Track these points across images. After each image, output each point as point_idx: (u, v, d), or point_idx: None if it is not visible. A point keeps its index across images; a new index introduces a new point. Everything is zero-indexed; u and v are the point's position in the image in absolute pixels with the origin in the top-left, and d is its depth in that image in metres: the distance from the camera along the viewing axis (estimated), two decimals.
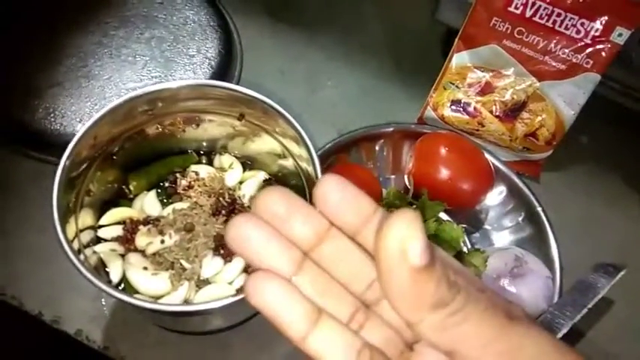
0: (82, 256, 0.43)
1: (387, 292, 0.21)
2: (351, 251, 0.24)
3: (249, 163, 0.55)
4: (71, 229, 0.44)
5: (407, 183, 0.63)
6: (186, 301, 0.47)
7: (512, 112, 0.67)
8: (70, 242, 0.40)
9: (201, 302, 0.43)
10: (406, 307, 0.21)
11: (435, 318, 0.21)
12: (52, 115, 0.62)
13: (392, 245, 0.20)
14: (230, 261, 0.48)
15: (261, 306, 0.22)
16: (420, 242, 0.20)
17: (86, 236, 0.47)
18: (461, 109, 0.68)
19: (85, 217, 0.48)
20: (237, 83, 0.69)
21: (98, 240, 0.49)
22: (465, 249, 0.61)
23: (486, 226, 0.65)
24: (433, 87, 0.68)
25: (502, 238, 0.64)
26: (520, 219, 0.64)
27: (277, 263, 0.22)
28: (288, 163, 0.52)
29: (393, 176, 0.68)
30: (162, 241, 0.48)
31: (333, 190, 0.23)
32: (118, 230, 0.49)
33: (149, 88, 0.46)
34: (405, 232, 0.20)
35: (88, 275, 0.39)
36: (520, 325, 0.22)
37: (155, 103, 0.47)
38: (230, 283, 0.48)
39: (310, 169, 0.47)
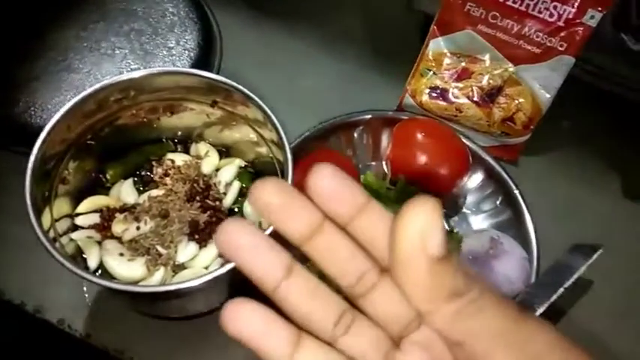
0: (58, 244, 0.44)
1: (403, 281, 0.21)
2: (344, 243, 0.23)
3: (224, 150, 0.56)
4: (47, 219, 0.45)
5: (384, 169, 0.64)
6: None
7: (489, 97, 0.67)
8: (45, 232, 0.41)
9: (176, 282, 0.44)
10: (422, 297, 0.21)
11: (450, 308, 0.21)
12: (32, 108, 0.63)
13: (412, 235, 0.20)
14: (205, 246, 0.49)
15: (240, 336, 0.22)
16: (440, 233, 0.20)
17: (63, 224, 0.48)
18: (439, 96, 0.68)
19: (62, 206, 0.48)
20: (217, 74, 0.70)
21: (75, 228, 0.50)
22: None
23: (465, 210, 0.65)
24: (411, 74, 0.69)
25: (480, 221, 0.64)
26: (498, 202, 0.64)
27: (267, 269, 0.22)
28: (263, 150, 0.52)
29: (373, 163, 0.68)
30: (138, 228, 0.48)
31: (328, 179, 0.22)
32: (94, 218, 0.50)
33: (120, 77, 0.46)
34: (426, 222, 0.20)
35: (64, 262, 0.39)
36: (531, 319, 0.22)
37: (127, 92, 0.48)
38: (206, 268, 0.48)
39: (282, 156, 0.47)
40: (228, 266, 0.40)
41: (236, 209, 0.53)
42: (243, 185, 0.54)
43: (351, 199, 0.23)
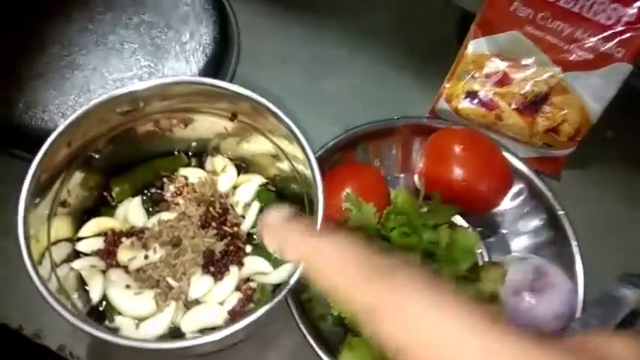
0: (53, 278, 0.38)
1: None
2: None
3: (243, 165, 0.50)
4: (41, 244, 0.39)
5: (417, 184, 0.57)
6: (173, 325, 0.42)
7: (533, 105, 0.60)
8: (36, 268, 0.35)
9: (191, 337, 0.38)
10: None
11: None
12: (32, 109, 0.57)
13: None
14: (221, 279, 0.43)
15: None
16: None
17: (62, 251, 0.42)
18: (477, 101, 0.61)
19: (61, 228, 0.43)
20: (234, 72, 0.63)
21: (77, 255, 0.44)
22: (480, 258, 0.56)
23: (503, 230, 0.59)
24: (447, 77, 0.62)
25: (520, 242, 0.58)
26: (539, 222, 0.58)
27: None
28: (284, 165, 0.46)
29: (402, 175, 0.62)
30: (146, 257, 0.42)
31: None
32: (98, 243, 0.44)
33: (128, 88, 0.40)
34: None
35: (57, 307, 0.34)
36: None
37: (136, 103, 0.42)
38: (221, 304, 0.43)
39: (308, 172, 0.41)
40: (258, 313, 0.34)
41: (255, 236, 0.47)
42: (263, 205, 0.48)
43: None
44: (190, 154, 0.49)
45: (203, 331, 0.42)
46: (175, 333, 0.41)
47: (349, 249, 0.26)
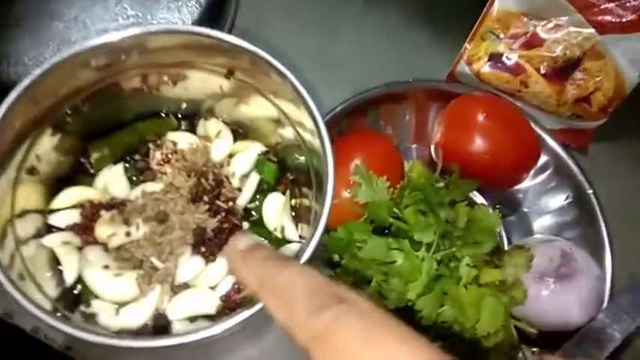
0: (17, 258, 0.33)
1: None
2: None
3: (241, 131, 0.44)
4: (1, 217, 0.33)
5: (433, 155, 0.51)
6: (157, 311, 0.37)
7: (563, 70, 0.54)
8: None
9: (179, 328, 0.33)
10: None
11: None
12: (6, 61, 0.51)
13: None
14: (213, 261, 0.37)
15: None
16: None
17: (31, 224, 0.36)
18: (501, 65, 0.55)
19: (29, 198, 0.37)
20: (232, 25, 0.56)
21: (49, 229, 0.38)
22: (499, 239, 0.51)
23: (524, 209, 0.54)
24: (469, 37, 0.55)
25: (543, 222, 0.53)
26: (565, 201, 0.53)
27: None
28: (288, 132, 0.40)
29: (414, 145, 0.56)
30: (128, 233, 0.37)
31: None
32: (74, 216, 0.38)
33: (103, 38, 0.33)
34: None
35: (18, 297, 0.28)
36: None
37: (116, 56, 0.35)
38: (212, 288, 0.37)
39: (316, 141, 0.35)
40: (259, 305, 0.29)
41: (253, 212, 0.41)
42: (263, 178, 0.42)
43: None
44: (180, 116, 0.43)
45: (192, 320, 0.37)
46: (160, 320, 0.36)
47: (301, 281, 0.25)
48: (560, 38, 0.53)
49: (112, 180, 0.40)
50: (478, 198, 0.54)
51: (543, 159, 0.53)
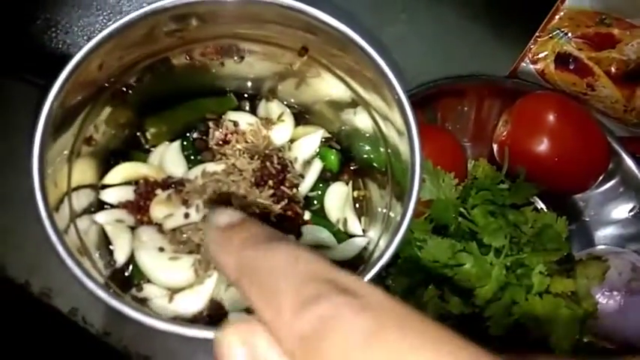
0: (72, 230, 0.30)
1: None
2: None
3: (305, 115, 0.41)
4: (59, 189, 0.31)
5: (496, 155, 0.48)
6: (214, 300, 0.34)
7: (635, 75, 0.51)
8: (51, 212, 0.27)
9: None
10: None
11: None
12: (53, 28, 0.48)
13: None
14: None
15: None
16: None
17: (83, 199, 0.34)
18: (568, 66, 0.52)
19: (84, 172, 0.34)
20: None
21: (101, 205, 0.35)
22: None
23: (585, 218, 0.50)
24: (536, 33, 0.52)
25: (605, 233, 0.50)
26: (630, 212, 0.49)
27: None
28: (358, 118, 0.37)
29: (469, 144, 0.53)
30: (187, 215, 0.34)
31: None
32: (127, 193, 0.35)
33: (180, 0, 0.31)
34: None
35: (71, 265, 0.26)
36: None
37: (188, 21, 0.32)
38: None
39: (395, 127, 0.32)
40: None
41: (315, 201, 0.38)
42: (325, 166, 0.39)
43: None
44: (245, 95, 0.40)
45: (250, 311, 0.34)
46: (216, 310, 0.33)
47: (290, 265, 0.18)
48: (634, 40, 0.50)
49: (169, 157, 0.37)
50: (538, 203, 0.50)
51: (609, 167, 0.50)
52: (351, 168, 0.40)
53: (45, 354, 0.41)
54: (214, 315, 0.33)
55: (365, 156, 0.39)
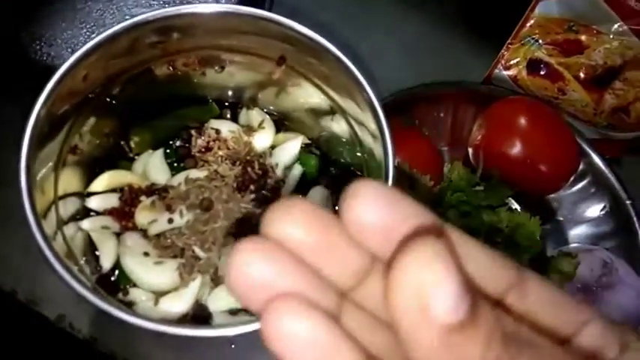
0: (59, 237, 0.31)
1: None
2: None
3: (285, 122, 0.42)
4: (46, 197, 0.31)
5: (470, 158, 0.50)
6: (198, 302, 0.35)
7: (603, 79, 0.53)
8: (39, 219, 0.28)
9: (220, 321, 0.31)
10: None
11: None
12: (37, 41, 0.49)
13: (406, 298, 0.13)
14: None
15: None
16: (449, 289, 0.13)
17: (70, 206, 0.35)
18: (540, 71, 0.54)
19: (70, 180, 0.35)
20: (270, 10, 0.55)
21: (86, 212, 0.36)
22: None
23: (559, 217, 0.52)
24: (508, 41, 0.54)
25: (578, 232, 0.51)
26: (601, 211, 0.51)
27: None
28: (336, 124, 0.39)
29: (446, 148, 0.55)
30: (171, 220, 0.35)
31: (376, 209, 0.14)
32: (112, 200, 0.36)
33: (162, 12, 0.32)
34: (425, 277, 0.13)
35: (60, 271, 0.27)
36: None
37: (169, 34, 0.34)
38: None
39: (369, 132, 0.34)
40: None
41: None
42: (305, 171, 0.40)
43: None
44: (227, 104, 0.41)
45: (233, 313, 0.35)
46: (200, 312, 0.34)
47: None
48: (601, 45, 0.52)
49: (152, 165, 0.38)
50: (513, 204, 0.52)
51: (580, 167, 0.52)
52: (331, 172, 0.42)
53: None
54: (199, 316, 0.34)
55: (343, 160, 0.40)
